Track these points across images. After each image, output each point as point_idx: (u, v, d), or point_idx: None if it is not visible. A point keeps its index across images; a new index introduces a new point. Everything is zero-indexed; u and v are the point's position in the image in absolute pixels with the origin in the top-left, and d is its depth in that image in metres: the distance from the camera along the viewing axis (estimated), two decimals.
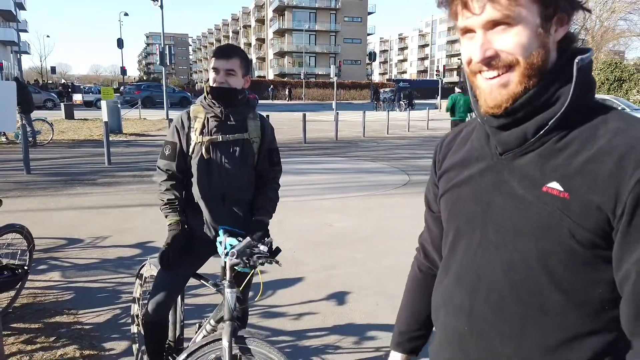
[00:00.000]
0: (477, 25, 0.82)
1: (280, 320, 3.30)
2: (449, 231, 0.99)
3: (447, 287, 0.96)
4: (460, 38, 0.88)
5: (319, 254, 4.64)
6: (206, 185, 2.16)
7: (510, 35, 0.81)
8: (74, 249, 4.72)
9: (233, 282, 1.79)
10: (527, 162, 0.84)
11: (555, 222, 0.79)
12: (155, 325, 2.21)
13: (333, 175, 8.98)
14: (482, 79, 0.85)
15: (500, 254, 0.86)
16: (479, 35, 0.83)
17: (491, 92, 0.84)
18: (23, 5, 51.78)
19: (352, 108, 32.61)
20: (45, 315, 3.31)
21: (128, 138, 14.41)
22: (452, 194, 0.98)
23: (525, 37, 0.80)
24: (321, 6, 62.59)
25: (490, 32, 0.82)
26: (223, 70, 2.09)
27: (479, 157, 0.93)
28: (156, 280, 2.20)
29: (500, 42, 0.81)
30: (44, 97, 26.59)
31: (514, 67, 0.81)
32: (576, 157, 0.79)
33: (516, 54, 0.81)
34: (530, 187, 0.83)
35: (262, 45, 74.01)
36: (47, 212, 6.03)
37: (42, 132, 12.99)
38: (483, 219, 0.89)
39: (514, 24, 0.80)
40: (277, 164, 2.36)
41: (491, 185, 0.89)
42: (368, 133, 16.30)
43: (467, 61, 0.86)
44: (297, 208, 6.39)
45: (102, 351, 2.88)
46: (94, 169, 9.23)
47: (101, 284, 3.88)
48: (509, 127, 0.85)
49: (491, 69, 0.83)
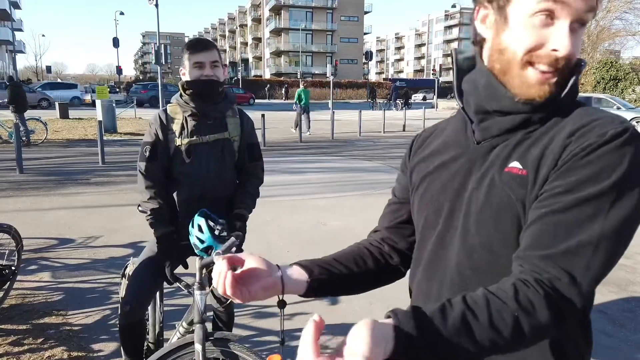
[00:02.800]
0: (571, 13, 0.75)
1: (271, 321, 3.27)
2: (419, 222, 0.97)
3: (418, 276, 0.96)
4: (523, 15, 0.77)
5: (313, 253, 4.57)
6: (186, 187, 2.11)
7: (578, 38, 0.78)
8: (65, 249, 4.67)
9: (203, 284, 1.74)
10: (502, 148, 0.84)
11: (513, 200, 0.79)
12: (131, 327, 2.12)
13: (329, 174, 8.94)
14: (534, 70, 0.79)
15: (464, 239, 0.85)
16: (564, 25, 0.75)
17: (542, 84, 0.78)
18: (18, 4, 51.54)
19: (349, 107, 32.59)
20: (34, 316, 3.26)
21: (123, 137, 14.32)
22: (424, 184, 0.96)
23: (581, 42, 0.79)
24: (317, 5, 62.50)
25: (570, 30, 0.76)
26: (209, 63, 2.03)
27: (453, 144, 0.92)
28: (131, 280, 2.13)
29: (574, 43, 0.76)
30: (39, 97, 26.44)
31: (564, 70, 0.78)
32: (538, 141, 0.80)
33: (574, 59, 0.79)
34: (497, 171, 0.82)
35: (259, 44, 73.88)
36: (39, 212, 5.97)
37: (36, 131, 12.90)
38: (451, 207, 0.88)
39: (585, 25, 0.78)
40: (257, 159, 2.28)
41: (464, 171, 0.88)
42: (364, 132, 16.27)
43: (532, 47, 0.77)
44: (292, 207, 6.35)
45: (90, 352, 2.83)
46: (88, 169, 9.17)
47: (91, 285, 3.84)
48: (506, 114, 0.83)
49: (554, 65, 0.77)
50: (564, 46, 0.75)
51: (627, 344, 3.04)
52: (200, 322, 1.71)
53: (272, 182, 7.29)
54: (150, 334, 2.37)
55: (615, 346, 3.01)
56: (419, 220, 0.97)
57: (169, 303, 3.22)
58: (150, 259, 2.11)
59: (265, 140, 12.67)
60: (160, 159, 2.10)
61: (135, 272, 2.11)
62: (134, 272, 2.12)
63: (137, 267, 2.13)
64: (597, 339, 3.05)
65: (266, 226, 5.24)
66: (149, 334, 2.38)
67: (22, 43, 55.96)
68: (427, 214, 0.94)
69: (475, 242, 0.83)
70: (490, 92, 0.84)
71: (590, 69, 24.88)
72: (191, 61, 2.05)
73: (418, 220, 0.98)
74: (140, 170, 2.10)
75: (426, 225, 0.94)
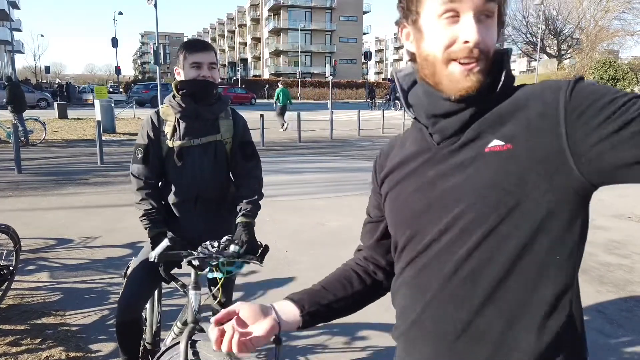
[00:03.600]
0: (471, 7, 0.81)
1: None
2: (397, 228, 0.98)
3: (402, 275, 0.96)
4: (432, 21, 0.85)
5: (311, 253, 4.61)
6: (179, 190, 2.11)
7: (489, 27, 0.83)
8: (64, 249, 4.67)
9: (198, 284, 1.72)
10: (465, 140, 0.86)
11: (501, 177, 0.80)
12: (127, 325, 2.09)
13: (327, 174, 8.94)
14: (456, 64, 0.84)
15: (446, 228, 0.85)
16: (468, 19, 0.82)
17: (467, 75, 0.83)
18: (17, 4, 51.45)
19: (348, 107, 32.59)
20: (32, 317, 3.26)
21: (122, 137, 14.31)
22: (394, 193, 0.98)
23: (496, 31, 0.85)
24: (316, 5, 62.48)
25: (477, 22, 0.82)
26: (207, 64, 2.02)
27: (417, 152, 0.94)
28: (128, 279, 2.12)
29: (485, 34, 0.83)
30: (38, 97, 26.41)
31: (484, 59, 0.83)
32: (507, 118, 0.83)
33: (490, 47, 0.84)
34: (474, 157, 0.84)
35: (258, 44, 73.84)
36: (38, 212, 5.97)
37: (34, 131, 12.89)
38: (427, 203, 0.89)
39: (491, 15, 0.83)
40: (251, 157, 2.20)
41: (434, 172, 0.90)
42: (363, 132, 16.27)
43: (447, 45, 0.83)
44: (291, 207, 6.35)
45: (88, 352, 2.83)
46: (86, 169, 9.16)
47: (90, 285, 3.83)
48: (451, 115, 0.87)
49: (470, 56, 0.83)
50: (471, 36, 0.81)
51: (625, 344, 3.04)
52: (193, 322, 1.70)
53: (270, 182, 7.29)
54: (147, 333, 2.36)
55: (613, 346, 3.01)
56: (397, 226, 0.97)
57: (168, 303, 3.22)
58: (147, 259, 2.11)
59: (263, 140, 12.66)
60: (153, 162, 2.09)
61: (133, 272, 2.11)
62: (132, 271, 2.12)
63: (135, 267, 2.13)
64: (595, 338, 3.06)
65: (265, 226, 5.23)
66: (147, 333, 2.37)
67: (21, 43, 55.86)
68: (405, 218, 0.94)
69: (453, 221, 0.85)
70: (430, 99, 0.89)
71: (589, 68, 24.93)
72: (189, 61, 2.03)
73: (396, 228, 0.98)
74: (133, 173, 2.10)
75: (405, 228, 0.94)
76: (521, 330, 0.81)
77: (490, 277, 0.81)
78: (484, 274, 0.81)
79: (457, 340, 0.85)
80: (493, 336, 0.82)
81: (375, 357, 2.86)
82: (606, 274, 4.13)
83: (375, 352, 2.90)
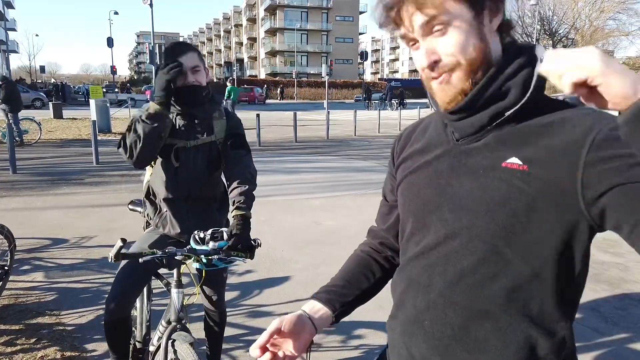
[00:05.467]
0: (419, 33, 0.84)
1: (267, 320, 3.26)
2: (406, 216, 1.00)
3: (407, 267, 0.98)
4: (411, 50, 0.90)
5: (307, 252, 4.60)
6: (171, 187, 2.10)
7: (448, 38, 0.83)
8: (59, 249, 4.65)
9: (180, 282, 1.71)
10: (484, 145, 0.87)
11: (513, 196, 0.81)
12: (116, 324, 2.06)
13: (323, 174, 8.94)
14: (435, 82, 0.87)
15: (455, 233, 0.87)
16: (421, 43, 0.85)
17: (443, 90, 0.86)
18: (11, 3, 51.20)
19: (344, 107, 32.60)
20: (27, 317, 3.25)
21: (117, 137, 14.23)
22: (408, 180, 1.00)
23: (463, 35, 0.82)
24: (313, 5, 62.50)
25: (430, 38, 0.84)
26: (189, 69, 1.96)
27: (436, 144, 0.96)
28: (117, 277, 2.08)
29: (441, 46, 0.83)
30: (32, 96, 26.30)
31: (456, 68, 0.84)
32: (531, 139, 0.82)
33: (457, 55, 0.83)
34: (489, 167, 0.85)
35: (254, 44, 73.76)
36: (33, 212, 5.94)
37: (29, 131, 12.82)
38: (438, 201, 0.91)
39: (447, 24, 0.82)
40: (240, 146, 2.14)
41: (448, 168, 0.91)
42: (359, 132, 16.28)
43: (422, 68, 0.88)
44: (287, 207, 6.35)
45: (83, 352, 2.82)
46: (82, 169, 9.13)
47: (85, 285, 3.82)
48: (466, 118, 0.88)
49: (438, 72, 0.85)
50: (420, 63, 0.86)
51: (620, 342, 3.05)
52: (175, 321, 1.68)
53: (266, 181, 7.29)
54: (137, 332, 2.35)
55: (607, 344, 3.02)
56: (406, 214, 1.00)
57: (159, 302, 3.21)
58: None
59: (260, 140, 12.65)
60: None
61: (122, 270, 2.08)
62: (121, 269, 2.09)
63: (122, 266, 2.09)
64: (589, 336, 3.08)
65: (261, 226, 5.23)
66: (136, 332, 2.37)
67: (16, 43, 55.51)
68: (415, 208, 0.97)
69: (470, 235, 0.86)
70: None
71: None
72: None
73: (405, 214, 1.01)
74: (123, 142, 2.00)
75: (414, 218, 0.97)
76: (514, 344, 0.84)
77: (492, 294, 0.84)
78: (486, 289, 0.84)
79: (452, 344, 0.88)
80: (488, 347, 0.85)
81: (369, 355, 2.87)
82: (601, 272, 4.15)
83: (369, 350, 2.91)
